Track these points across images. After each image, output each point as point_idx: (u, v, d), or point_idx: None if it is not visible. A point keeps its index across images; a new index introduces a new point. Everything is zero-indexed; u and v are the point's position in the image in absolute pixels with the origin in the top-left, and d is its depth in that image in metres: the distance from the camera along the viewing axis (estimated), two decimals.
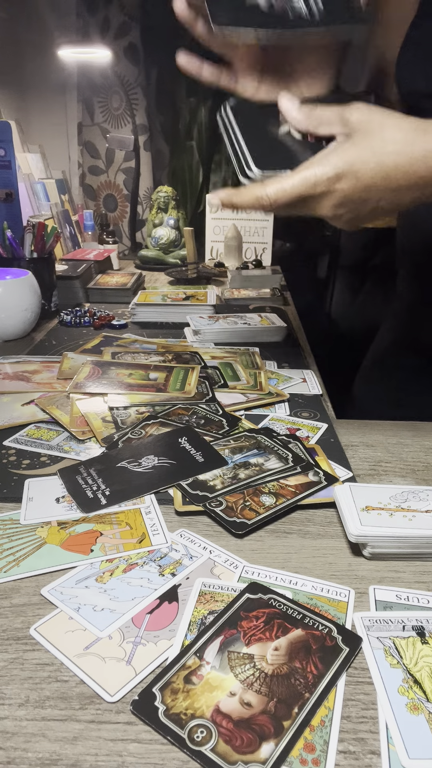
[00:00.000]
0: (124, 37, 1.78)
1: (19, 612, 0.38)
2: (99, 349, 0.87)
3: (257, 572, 0.42)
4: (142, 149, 1.85)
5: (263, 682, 0.33)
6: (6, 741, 0.30)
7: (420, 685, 0.33)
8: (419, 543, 0.43)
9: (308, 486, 0.51)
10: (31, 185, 1.49)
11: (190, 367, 0.77)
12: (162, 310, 1.06)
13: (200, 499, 0.49)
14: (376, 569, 0.43)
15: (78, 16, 1.75)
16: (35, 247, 1.06)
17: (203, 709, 0.31)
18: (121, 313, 1.11)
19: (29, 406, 0.68)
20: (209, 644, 0.35)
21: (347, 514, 0.45)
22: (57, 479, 0.53)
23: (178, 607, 0.39)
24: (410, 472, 0.57)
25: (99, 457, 0.56)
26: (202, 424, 0.63)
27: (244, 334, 0.94)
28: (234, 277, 1.34)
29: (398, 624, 0.37)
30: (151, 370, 0.77)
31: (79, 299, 1.21)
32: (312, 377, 0.78)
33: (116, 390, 0.70)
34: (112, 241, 1.71)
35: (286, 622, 0.37)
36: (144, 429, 0.61)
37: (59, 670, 0.34)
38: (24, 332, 0.96)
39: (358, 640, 0.36)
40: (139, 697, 0.32)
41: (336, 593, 0.40)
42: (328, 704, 0.32)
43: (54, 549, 0.44)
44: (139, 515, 0.48)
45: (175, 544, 0.45)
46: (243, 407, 0.68)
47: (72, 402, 0.67)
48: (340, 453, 0.59)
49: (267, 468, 0.54)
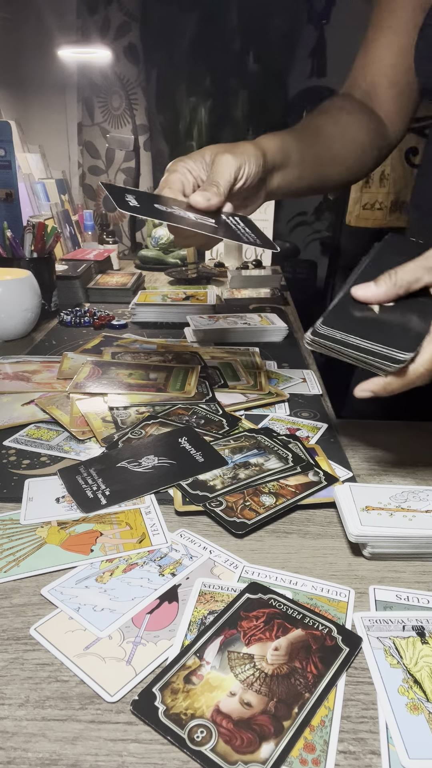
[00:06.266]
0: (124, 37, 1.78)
1: (19, 612, 0.38)
2: (99, 349, 0.87)
3: (257, 572, 0.42)
4: (142, 149, 1.85)
5: (263, 682, 0.33)
6: (6, 741, 0.30)
7: (420, 685, 0.33)
8: (419, 543, 0.43)
9: (308, 486, 0.51)
10: (31, 185, 1.49)
11: (190, 367, 0.77)
12: (162, 310, 1.06)
13: (200, 499, 0.49)
14: (376, 569, 0.43)
15: (78, 16, 1.75)
16: (35, 247, 1.06)
17: (203, 709, 0.31)
18: (121, 313, 1.11)
19: (29, 406, 0.68)
20: (209, 644, 0.35)
21: (347, 514, 0.45)
22: (57, 479, 0.53)
23: (178, 607, 0.39)
24: (410, 472, 0.57)
25: (99, 457, 0.56)
26: (202, 424, 0.63)
27: (244, 334, 0.94)
28: (234, 277, 1.34)
29: (398, 624, 0.37)
30: (151, 370, 0.77)
31: (79, 299, 1.21)
32: (312, 377, 0.78)
33: (116, 390, 0.70)
34: (112, 241, 1.71)
35: (286, 622, 0.37)
36: (144, 429, 0.61)
37: (59, 670, 0.34)
38: (24, 332, 0.96)
39: (358, 640, 0.36)
40: (139, 697, 0.32)
41: (336, 593, 0.40)
42: (328, 704, 0.32)
43: (54, 549, 0.44)
44: (139, 515, 0.48)
45: (175, 544, 0.45)
46: (243, 407, 0.68)
47: (72, 402, 0.67)
48: (340, 453, 0.59)
49: (267, 468, 0.54)
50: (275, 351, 0.89)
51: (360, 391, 0.50)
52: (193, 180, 0.59)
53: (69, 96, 1.85)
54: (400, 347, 0.46)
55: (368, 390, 0.49)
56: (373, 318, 0.49)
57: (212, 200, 0.55)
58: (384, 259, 0.55)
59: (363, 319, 0.49)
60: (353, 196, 1.90)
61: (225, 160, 0.56)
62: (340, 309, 0.51)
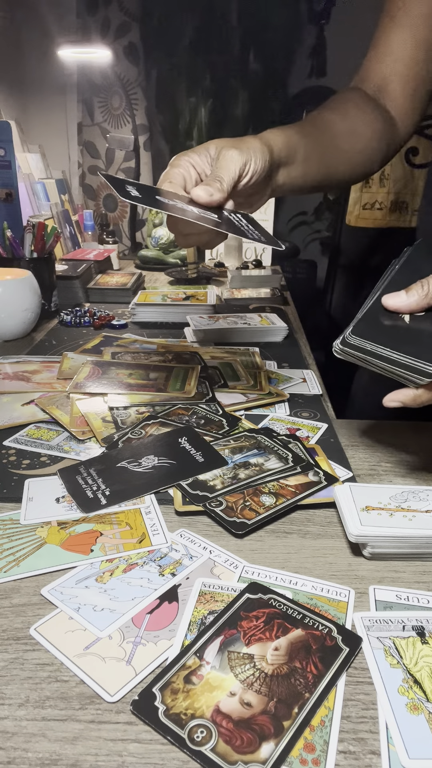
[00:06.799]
0: (124, 37, 1.78)
1: (19, 612, 0.38)
2: (99, 349, 0.87)
3: (257, 572, 0.42)
4: (142, 149, 1.85)
5: (263, 682, 0.33)
6: (6, 741, 0.30)
7: (420, 685, 0.33)
8: (419, 543, 0.43)
9: (308, 486, 0.51)
10: (31, 185, 1.49)
11: (190, 367, 0.77)
12: (162, 310, 1.06)
13: (200, 499, 0.49)
14: (376, 569, 0.43)
15: (78, 16, 1.75)
16: (35, 247, 1.06)
17: (203, 709, 0.31)
18: (121, 313, 1.11)
19: (29, 406, 0.68)
20: (209, 644, 0.35)
21: (347, 514, 0.45)
22: (57, 479, 0.53)
23: (178, 607, 0.39)
24: (410, 472, 0.57)
25: (99, 457, 0.56)
26: (202, 424, 0.63)
27: (244, 334, 0.94)
28: (234, 277, 1.34)
29: (398, 624, 0.37)
30: (151, 370, 0.77)
31: (79, 299, 1.21)
32: (312, 377, 0.78)
33: (116, 390, 0.70)
34: (112, 241, 1.71)
35: (286, 622, 0.37)
36: (144, 429, 0.61)
37: (59, 670, 0.34)
38: (24, 332, 0.96)
39: (358, 640, 0.36)
40: (139, 697, 0.32)
41: (336, 593, 0.40)
42: (328, 704, 0.32)
43: (54, 549, 0.44)
44: (139, 515, 0.48)
45: (175, 544, 0.45)
46: (243, 407, 0.68)
47: (72, 402, 0.67)
48: (340, 453, 0.59)
49: (267, 468, 0.54)
50: (275, 351, 0.89)
51: (389, 402, 0.49)
52: (196, 175, 0.57)
53: (69, 96, 1.85)
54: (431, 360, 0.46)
55: (398, 401, 0.49)
56: (404, 328, 0.49)
57: (215, 195, 0.54)
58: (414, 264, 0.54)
59: (393, 328, 0.49)
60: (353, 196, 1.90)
61: (230, 155, 0.55)
62: (369, 317, 0.50)
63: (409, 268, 0.54)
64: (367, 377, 0.92)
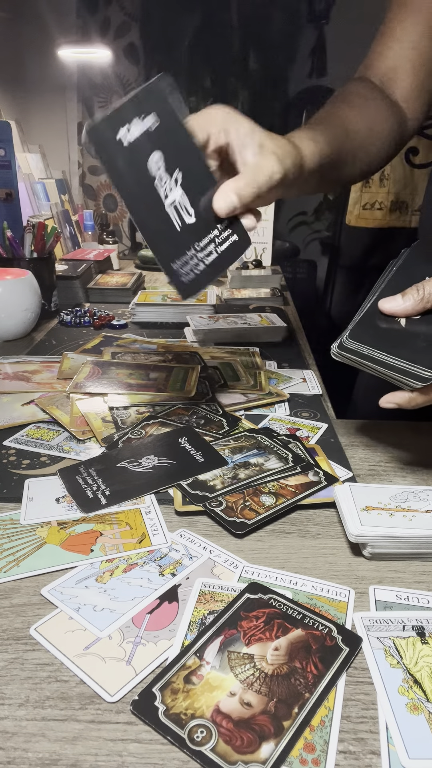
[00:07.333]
0: (124, 37, 1.79)
1: (19, 612, 0.38)
2: (99, 349, 0.87)
3: (257, 572, 0.42)
4: None
5: (263, 682, 0.33)
6: (6, 741, 0.30)
7: (420, 685, 0.33)
8: (419, 543, 0.43)
9: (308, 486, 0.51)
10: (31, 185, 1.49)
11: (190, 367, 0.77)
12: (162, 310, 1.06)
13: (200, 499, 0.49)
14: (376, 569, 0.43)
15: (78, 16, 1.75)
16: (35, 247, 1.06)
17: (203, 709, 0.31)
18: (121, 313, 1.11)
19: (29, 406, 0.68)
20: (209, 644, 0.35)
21: (347, 514, 0.45)
22: (57, 479, 0.53)
23: (178, 607, 0.39)
24: (410, 472, 0.57)
25: (99, 457, 0.56)
26: (202, 424, 0.63)
27: (244, 334, 0.94)
28: (234, 277, 1.34)
29: (398, 624, 0.37)
30: (151, 370, 0.77)
31: (79, 299, 1.21)
32: (312, 377, 0.78)
33: (116, 390, 0.70)
34: (112, 241, 1.71)
35: (286, 622, 0.37)
36: (144, 429, 0.61)
37: (59, 670, 0.34)
38: (24, 332, 0.96)
39: (358, 640, 0.36)
40: (139, 697, 0.32)
41: (336, 593, 0.40)
42: (328, 704, 0.32)
43: (54, 549, 0.44)
44: (139, 515, 0.48)
45: (175, 544, 0.45)
46: (243, 407, 0.68)
47: (72, 402, 0.67)
48: (340, 453, 0.59)
49: (267, 468, 0.54)
50: (275, 351, 0.89)
51: (385, 403, 0.50)
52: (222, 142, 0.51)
53: (69, 96, 1.85)
54: (426, 364, 0.46)
55: (393, 402, 0.50)
56: (400, 332, 0.49)
57: (237, 211, 0.50)
58: (411, 267, 0.54)
59: (389, 332, 0.49)
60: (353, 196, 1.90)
61: (270, 164, 0.50)
62: (366, 321, 0.51)
63: (405, 271, 0.54)
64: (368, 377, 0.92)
